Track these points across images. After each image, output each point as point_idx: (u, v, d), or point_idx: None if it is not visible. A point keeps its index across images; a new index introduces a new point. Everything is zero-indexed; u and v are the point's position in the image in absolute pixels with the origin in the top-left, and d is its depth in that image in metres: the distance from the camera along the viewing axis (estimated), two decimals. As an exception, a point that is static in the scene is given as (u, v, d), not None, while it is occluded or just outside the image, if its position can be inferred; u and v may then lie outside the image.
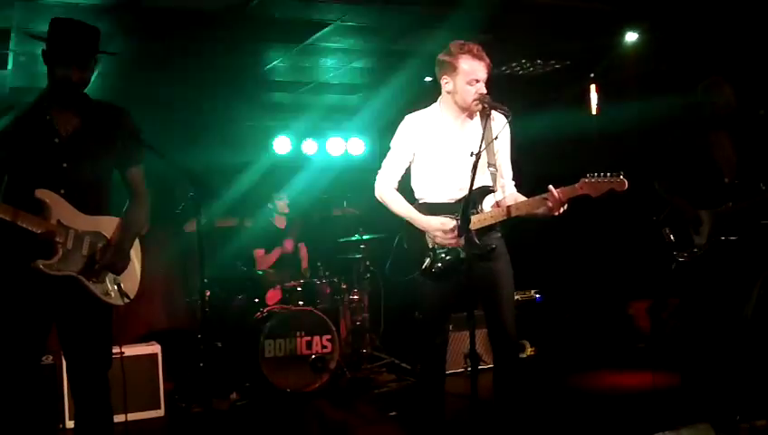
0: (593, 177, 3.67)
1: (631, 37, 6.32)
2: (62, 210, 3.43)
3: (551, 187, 3.68)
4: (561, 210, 3.70)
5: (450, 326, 6.17)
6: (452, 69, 3.88)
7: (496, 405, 3.99)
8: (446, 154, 3.96)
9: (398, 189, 4.09)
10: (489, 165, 3.92)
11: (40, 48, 3.47)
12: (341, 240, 7.68)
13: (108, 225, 3.58)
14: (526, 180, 4.18)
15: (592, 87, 7.63)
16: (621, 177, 3.65)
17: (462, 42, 3.89)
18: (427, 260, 3.93)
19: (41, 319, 3.44)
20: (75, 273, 3.44)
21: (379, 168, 4.15)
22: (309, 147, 8.91)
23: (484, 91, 3.87)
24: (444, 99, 4.02)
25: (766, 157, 4.86)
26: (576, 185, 3.70)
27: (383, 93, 7.67)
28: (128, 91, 6.68)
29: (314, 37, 5.90)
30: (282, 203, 7.52)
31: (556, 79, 7.52)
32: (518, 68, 7.14)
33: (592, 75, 7.51)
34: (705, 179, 4.95)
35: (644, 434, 3.37)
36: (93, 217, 3.53)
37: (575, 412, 5.48)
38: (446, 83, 3.94)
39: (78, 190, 3.47)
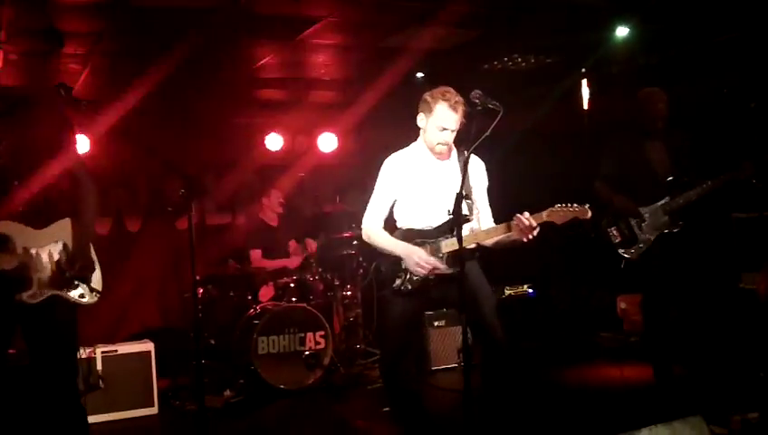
0: (560, 206, 3.88)
1: (622, 31, 6.33)
2: (23, 236, 3.41)
3: (517, 215, 3.85)
4: (531, 236, 3.86)
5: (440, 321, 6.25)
6: (428, 110, 4.12)
7: (486, 400, 4.04)
8: (427, 188, 4.17)
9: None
10: (466, 197, 4.06)
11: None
12: (334, 236, 7.68)
13: (63, 230, 3.55)
14: (517, 175, 4.22)
15: (583, 81, 7.64)
16: (586, 207, 3.90)
17: (446, 90, 4.10)
18: (398, 281, 4.12)
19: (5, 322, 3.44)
20: (55, 290, 3.44)
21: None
22: (300, 144, 8.90)
23: (448, 139, 4.09)
24: (421, 135, 4.24)
25: (699, 161, 5.17)
26: (543, 213, 3.88)
27: (375, 90, 7.66)
28: (120, 90, 6.66)
29: (304, 34, 5.89)
30: (275, 201, 7.49)
31: (547, 73, 7.52)
32: (509, 63, 7.14)
33: (583, 70, 7.52)
34: (642, 180, 5.23)
35: (636, 427, 3.38)
36: (49, 229, 3.50)
37: (568, 406, 5.50)
38: (420, 120, 4.19)
39: (33, 204, 3.44)
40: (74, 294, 3.51)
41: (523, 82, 7.68)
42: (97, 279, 3.66)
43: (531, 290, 7.61)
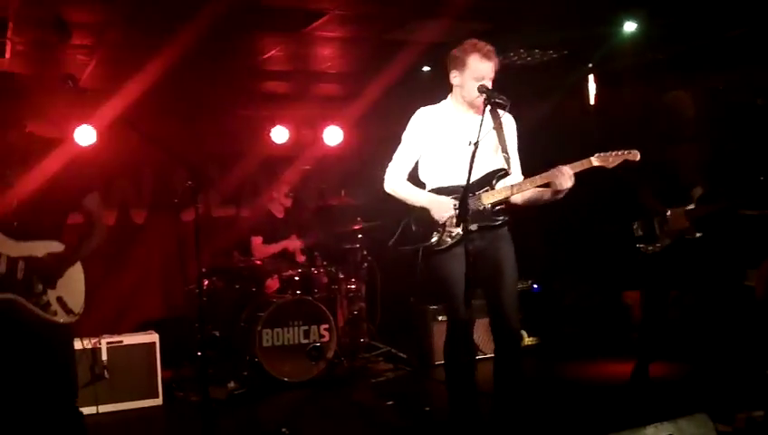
0: (605, 153, 3.85)
1: (629, 26, 6.31)
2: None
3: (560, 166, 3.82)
4: (569, 185, 3.81)
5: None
6: (461, 65, 4.03)
7: (496, 394, 4.02)
8: (455, 145, 4.06)
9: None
10: (502, 150, 4.08)
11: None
12: (339, 230, 7.67)
13: (46, 248, 3.56)
14: (524, 169, 4.22)
15: (590, 76, 7.61)
16: (635, 150, 3.83)
17: (476, 41, 4.04)
18: (436, 236, 4.03)
19: None
20: (13, 295, 3.44)
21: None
22: (305, 136, 8.88)
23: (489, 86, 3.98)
24: (454, 93, 4.16)
25: (732, 162, 5.18)
26: (591, 158, 3.85)
27: (380, 83, 7.64)
28: (126, 80, 6.65)
29: (310, 27, 5.87)
30: (283, 194, 7.47)
31: (554, 68, 7.50)
32: (516, 57, 7.12)
33: (590, 65, 7.50)
34: (667, 180, 5.17)
35: (641, 424, 3.38)
36: (30, 243, 3.52)
37: (572, 402, 5.49)
38: (455, 78, 4.09)
39: (24, 221, 3.50)
40: (40, 308, 3.49)
41: (529, 77, 7.65)
42: (75, 299, 3.64)
43: (535, 285, 7.60)
